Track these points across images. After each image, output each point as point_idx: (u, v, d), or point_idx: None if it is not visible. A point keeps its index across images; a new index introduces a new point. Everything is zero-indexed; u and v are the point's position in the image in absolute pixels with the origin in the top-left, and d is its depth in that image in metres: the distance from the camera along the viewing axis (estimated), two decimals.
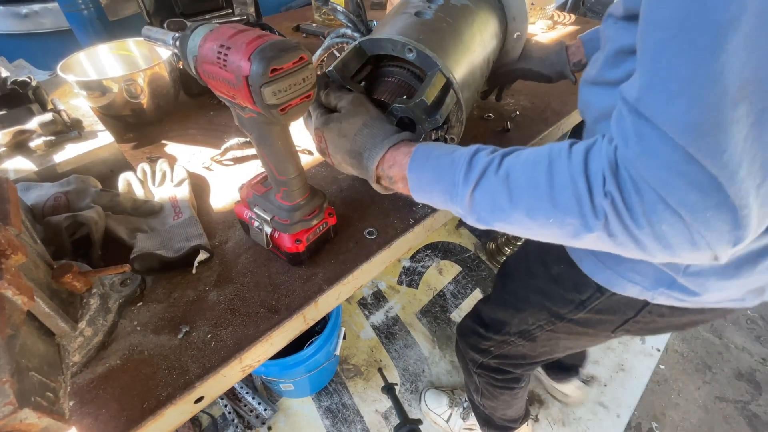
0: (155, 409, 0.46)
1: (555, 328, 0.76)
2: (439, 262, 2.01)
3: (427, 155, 0.50)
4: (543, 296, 0.76)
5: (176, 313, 0.56)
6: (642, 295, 0.61)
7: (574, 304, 0.70)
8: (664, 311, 0.62)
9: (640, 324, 0.66)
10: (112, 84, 0.80)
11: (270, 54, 0.40)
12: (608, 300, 0.65)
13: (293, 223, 0.57)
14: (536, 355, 0.88)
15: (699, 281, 0.55)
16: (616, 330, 0.70)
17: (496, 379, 1.01)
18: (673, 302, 0.59)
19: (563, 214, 0.39)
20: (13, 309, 0.32)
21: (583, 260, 0.66)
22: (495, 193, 0.43)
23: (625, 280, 0.60)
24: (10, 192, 0.42)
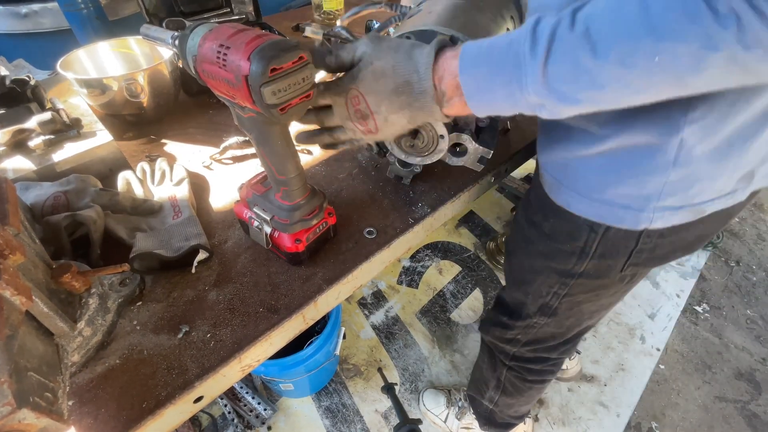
0: (155, 409, 0.46)
1: (570, 291, 0.72)
2: (439, 261, 2.01)
3: (478, 48, 0.43)
4: (545, 258, 0.72)
5: (175, 312, 0.56)
6: (636, 222, 0.56)
7: (576, 255, 0.66)
8: (663, 231, 0.58)
9: (645, 253, 0.61)
10: (113, 82, 0.80)
11: (270, 53, 0.40)
12: (605, 239, 0.61)
13: (293, 222, 0.57)
14: (565, 331, 0.83)
15: (690, 171, 0.50)
16: (624, 268, 0.65)
17: (530, 370, 0.96)
18: (667, 217, 0.55)
19: (673, 42, 0.32)
20: (11, 309, 0.32)
21: (570, 202, 0.62)
22: (575, 53, 0.36)
23: (615, 207, 0.57)
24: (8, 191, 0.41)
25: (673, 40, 0.32)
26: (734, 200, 0.55)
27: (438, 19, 0.61)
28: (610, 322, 1.77)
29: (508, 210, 2.21)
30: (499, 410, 1.18)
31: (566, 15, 0.37)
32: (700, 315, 1.82)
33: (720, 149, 0.48)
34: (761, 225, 2.25)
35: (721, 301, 1.88)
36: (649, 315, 1.80)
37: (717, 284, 1.96)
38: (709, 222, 0.58)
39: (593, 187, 0.57)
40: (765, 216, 2.30)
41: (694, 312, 1.84)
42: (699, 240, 0.63)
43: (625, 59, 0.34)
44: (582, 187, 0.59)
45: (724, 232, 2.16)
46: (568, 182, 0.61)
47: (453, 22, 0.61)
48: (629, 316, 1.80)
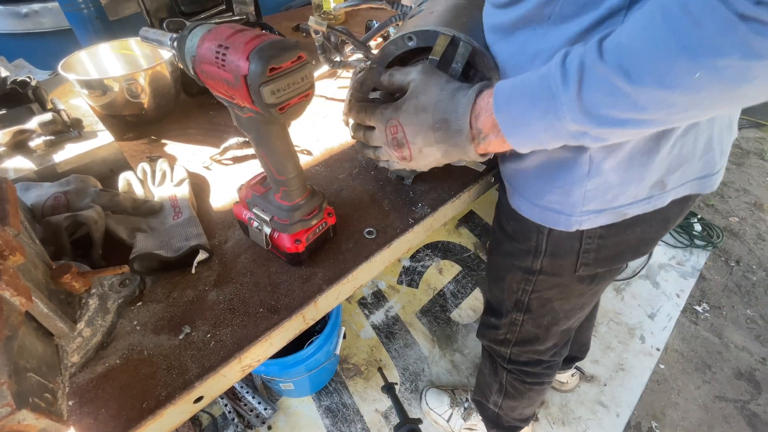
0: (155, 409, 0.46)
1: (535, 287, 0.78)
2: (439, 261, 2.01)
3: (512, 87, 0.45)
4: (510, 257, 0.78)
5: (176, 313, 0.56)
6: (568, 224, 0.62)
7: (531, 253, 0.72)
8: (601, 232, 0.63)
9: (592, 254, 0.67)
10: (113, 83, 0.80)
11: (269, 53, 0.40)
12: (550, 240, 0.68)
13: (292, 223, 0.57)
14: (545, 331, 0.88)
15: (602, 181, 0.55)
16: (577, 268, 0.70)
17: (527, 373, 1.01)
18: (593, 219, 0.60)
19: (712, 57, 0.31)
20: (11, 310, 0.32)
21: (520, 207, 0.67)
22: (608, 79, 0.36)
23: (550, 211, 0.62)
24: (9, 192, 0.42)
25: (710, 56, 0.31)
26: (653, 206, 0.59)
27: (440, 20, 0.61)
28: (610, 322, 1.77)
29: None
30: (504, 413, 1.19)
31: (593, 45, 0.37)
32: (700, 315, 1.82)
33: (623, 162, 0.53)
34: (761, 225, 2.25)
35: (721, 301, 1.88)
36: (649, 315, 1.80)
37: (717, 284, 1.95)
38: (644, 224, 0.64)
39: (534, 193, 0.63)
40: (765, 216, 2.30)
41: (694, 312, 1.84)
42: (642, 243, 0.68)
43: (664, 80, 0.34)
44: (527, 193, 0.65)
45: (723, 232, 2.16)
46: (518, 189, 0.67)
47: (455, 22, 0.61)
48: (629, 316, 1.80)
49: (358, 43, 0.90)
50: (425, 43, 0.60)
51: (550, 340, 0.91)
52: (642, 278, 1.95)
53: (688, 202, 0.65)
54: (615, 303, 1.85)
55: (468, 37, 0.58)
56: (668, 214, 0.64)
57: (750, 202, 2.39)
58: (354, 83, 0.70)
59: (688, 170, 0.58)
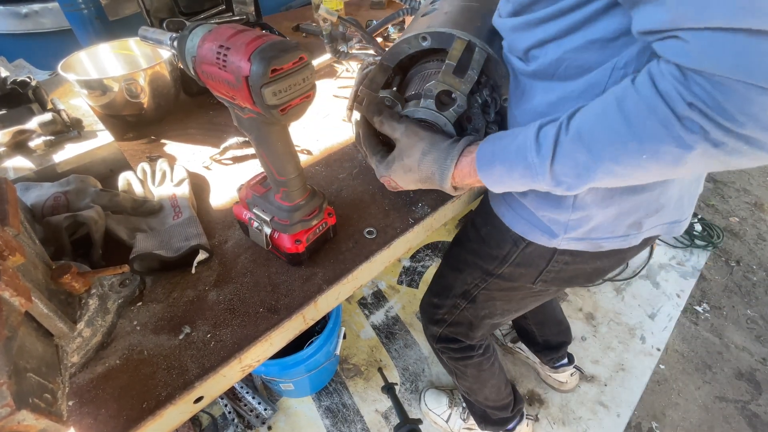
0: (155, 409, 0.46)
1: (488, 286, 0.83)
2: (439, 261, 2.00)
3: (492, 152, 0.51)
4: (475, 256, 0.83)
5: (176, 313, 0.56)
6: (549, 242, 0.67)
7: (498, 260, 0.77)
8: (567, 259, 0.69)
9: (552, 273, 0.73)
10: (113, 83, 0.80)
11: (270, 54, 0.40)
12: (523, 253, 0.72)
13: (293, 223, 0.57)
14: (479, 320, 0.95)
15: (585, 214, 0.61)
16: (535, 281, 0.76)
17: (453, 349, 1.08)
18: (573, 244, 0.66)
19: (655, 145, 0.38)
20: (10, 310, 0.32)
21: (505, 215, 0.71)
22: (573, 155, 0.43)
23: (537, 229, 0.67)
24: (9, 192, 0.41)
25: (653, 144, 0.38)
26: (628, 243, 0.66)
27: (454, 22, 0.62)
28: (610, 322, 1.77)
29: None
30: (476, 400, 1.23)
31: (563, 122, 0.44)
32: (700, 315, 1.82)
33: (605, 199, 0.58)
34: (761, 225, 2.25)
35: (722, 301, 1.88)
36: (650, 315, 1.80)
37: (717, 284, 1.95)
38: (605, 259, 0.70)
39: (525, 209, 0.67)
40: (765, 216, 2.30)
41: (695, 312, 1.83)
42: (596, 273, 0.76)
43: (618, 158, 0.41)
44: (517, 206, 0.69)
45: (724, 232, 2.16)
46: (507, 199, 0.70)
47: (469, 26, 0.61)
48: (629, 316, 1.79)
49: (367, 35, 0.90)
50: (439, 45, 0.61)
51: (480, 330, 0.99)
52: (642, 278, 1.95)
53: (647, 244, 0.71)
54: (615, 303, 1.85)
55: (483, 44, 0.59)
56: (628, 255, 0.71)
57: (750, 202, 2.39)
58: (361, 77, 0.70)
59: (664, 216, 0.64)
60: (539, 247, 0.69)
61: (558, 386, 1.54)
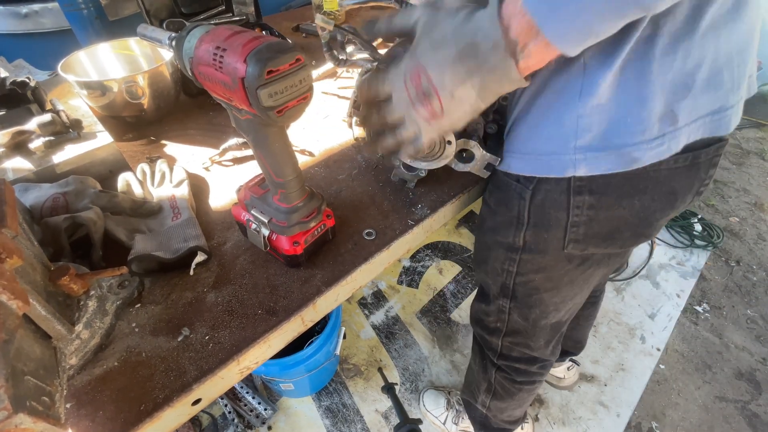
0: (152, 412, 0.46)
1: (519, 269, 0.73)
2: (439, 261, 2.01)
3: None
4: (493, 232, 0.74)
5: (174, 314, 0.56)
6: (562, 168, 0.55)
7: (513, 225, 0.68)
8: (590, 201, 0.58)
9: (582, 227, 0.61)
10: (113, 84, 0.80)
11: (266, 56, 0.40)
12: (533, 205, 0.63)
13: (291, 225, 0.57)
14: (532, 323, 0.84)
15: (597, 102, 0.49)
16: (566, 245, 0.64)
17: (518, 370, 0.97)
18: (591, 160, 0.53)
19: None
20: (8, 313, 0.32)
21: (510, 164, 0.63)
22: None
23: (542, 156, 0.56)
24: (7, 193, 0.41)
25: None
26: (669, 150, 0.52)
27: None
28: (610, 322, 1.77)
29: None
30: (493, 415, 1.17)
31: None
32: (700, 315, 1.82)
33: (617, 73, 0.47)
34: (761, 225, 2.24)
35: (722, 301, 1.88)
36: (650, 315, 1.80)
37: (717, 284, 1.95)
38: (645, 198, 0.57)
39: (524, 140, 0.59)
40: (765, 216, 2.29)
41: (695, 312, 1.83)
42: (643, 221, 0.60)
43: None
44: (517, 144, 0.60)
45: (724, 232, 2.15)
46: (509, 146, 0.62)
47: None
48: (629, 316, 1.79)
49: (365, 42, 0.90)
50: None
51: (540, 336, 0.87)
52: (642, 278, 1.95)
53: (698, 167, 0.56)
54: (615, 303, 1.85)
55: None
56: (674, 184, 0.57)
57: (750, 202, 2.39)
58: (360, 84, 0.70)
59: (700, 99, 0.50)
60: (548, 191, 0.59)
61: (556, 382, 1.52)
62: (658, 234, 0.64)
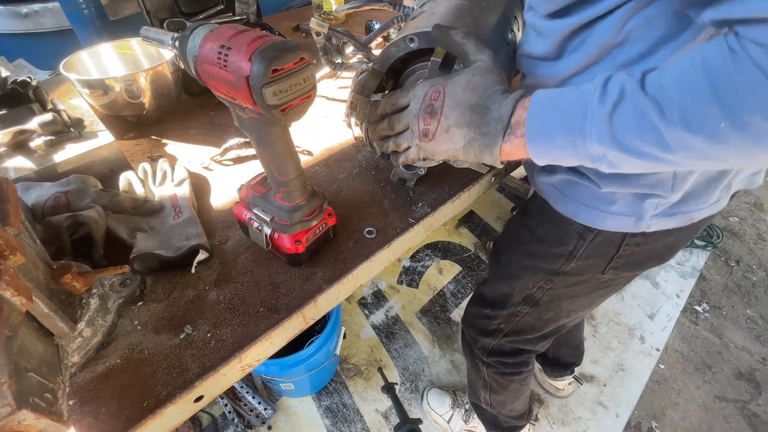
0: (155, 408, 0.46)
1: (553, 285, 0.78)
2: (439, 261, 2.01)
3: (550, 93, 0.45)
4: (535, 258, 0.77)
5: (176, 312, 0.56)
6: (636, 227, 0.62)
7: (564, 257, 0.72)
8: (639, 240, 0.64)
9: (624, 258, 0.68)
10: (114, 83, 0.80)
11: (271, 54, 0.40)
12: (592, 244, 0.68)
13: (293, 223, 0.57)
14: (543, 325, 0.89)
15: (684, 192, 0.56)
16: (605, 270, 0.71)
17: (507, 364, 1.02)
18: (661, 222, 0.61)
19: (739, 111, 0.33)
20: (11, 310, 0.32)
21: (577, 213, 0.66)
22: (643, 109, 0.37)
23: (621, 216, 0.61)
24: (9, 192, 0.42)
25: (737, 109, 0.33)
26: (718, 208, 0.61)
27: (442, 21, 0.61)
28: (610, 322, 1.77)
29: (508, 210, 2.21)
30: (497, 411, 1.20)
31: (636, 74, 0.39)
32: (700, 315, 1.82)
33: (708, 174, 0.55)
34: (761, 225, 2.25)
35: (721, 301, 1.88)
36: (649, 315, 1.80)
37: (717, 284, 1.95)
38: (679, 234, 0.65)
39: (602, 202, 0.62)
40: (765, 216, 2.30)
41: (694, 312, 1.84)
42: (669, 250, 0.70)
43: (690, 124, 0.35)
44: (590, 201, 0.63)
45: (724, 232, 2.16)
46: (576, 197, 0.65)
47: (457, 23, 0.61)
48: (629, 316, 1.80)
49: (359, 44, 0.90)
50: (427, 45, 0.60)
51: (543, 331, 0.93)
52: (642, 278, 1.95)
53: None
54: (615, 303, 1.85)
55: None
56: (702, 223, 0.65)
57: (750, 202, 2.39)
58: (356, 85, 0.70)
59: (748, 169, 0.59)
60: (609, 234, 0.64)
61: (554, 392, 1.53)
62: None
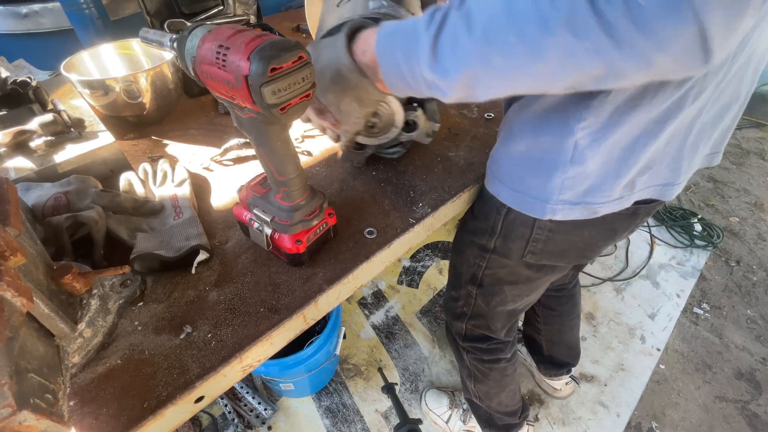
0: (155, 409, 0.46)
1: (488, 264, 0.84)
2: (439, 261, 2.01)
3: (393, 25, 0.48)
4: (471, 234, 0.84)
5: (176, 312, 0.56)
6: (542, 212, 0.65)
7: (488, 233, 0.78)
8: (550, 226, 0.68)
9: (540, 244, 0.73)
10: (115, 84, 0.80)
11: (269, 53, 0.40)
12: (506, 221, 0.73)
13: (293, 223, 0.57)
14: (492, 308, 0.95)
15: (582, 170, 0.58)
16: (524, 254, 0.76)
17: (481, 349, 1.08)
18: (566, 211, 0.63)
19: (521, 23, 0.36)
20: (12, 311, 0.32)
21: (499, 192, 0.71)
22: (456, 28, 0.41)
23: (528, 197, 0.65)
24: (10, 192, 0.42)
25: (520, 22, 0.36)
26: (621, 206, 0.64)
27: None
28: (610, 322, 1.77)
29: None
30: (487, 406, 1.22)
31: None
32: (700, 315, 1.82)
33: (604, 154, 0.57)
34: (761, 225, 2.25)
35: (722, 301, 1.88)
36: (649, 315, 1.80)
37: (717, 284, 1.95)
38: (592, 228, 0.69)
39: (514, 178, 0.67)
40: (765, 216, 2.30)
41: (695, 312, 1.84)
42: (587, 248, 0.75)
43: (488, 34, 0.39)
44: (506, 178, 0.68)
45: (724, 232, 2.16)
46: (499, 174, 0.70)
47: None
48: (629, 316, 1.80)
49: None
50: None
51: (497, 320, 0.99)
52: (642, 278, 1.95)
53: (637, 215, 0.70)
54: (615, 303, 1.85)
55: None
56: (615, 224, 0.70)
57: (750, 202, 2.39)
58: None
59: (656, 174, 0.62)
60: (520, 213, 0.69)
61: (552, 392, 1.53)
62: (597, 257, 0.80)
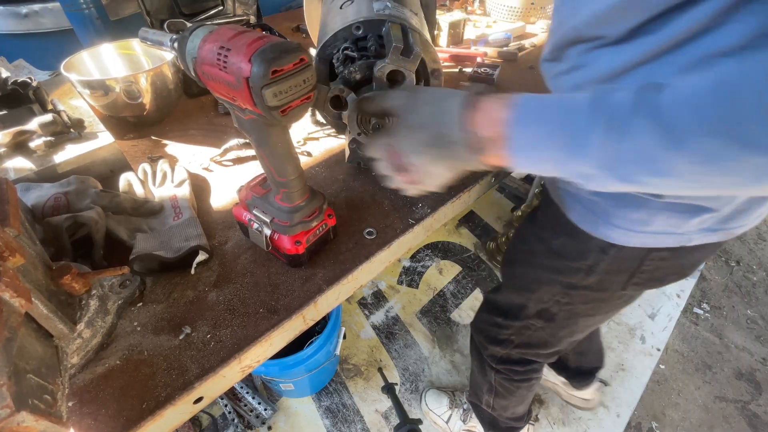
0: (154, 410, 0.46)
1: (571, 300, 0.74)
2: (439, 261, 2.01)
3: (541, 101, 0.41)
4: (552, 272, 0.73)
5: (176, 313, 0.56)
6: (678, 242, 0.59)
7: (583, 271, 0.68)
8: (665, 254, 0.61)
9: (646, 274, 0.65)
10: (115, 84, 0.80)
11: (271, 55, 0.40)
12: (613, 260, 0.64)
13: (293, 224, 0.57)
14: (557, 340, 0.86)
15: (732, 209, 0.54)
16: (626, 286, 0.68)
17: (516, 371, 1.00)
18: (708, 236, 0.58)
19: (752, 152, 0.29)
20: (10, 311, 0.32)
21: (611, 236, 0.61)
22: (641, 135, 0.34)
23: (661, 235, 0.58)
24: (9, 193, 0.42)
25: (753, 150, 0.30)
26: (756, 222, 0.59)
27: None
28: (610, 322, 1.77)
29: (508, 210, 2.21)
30: (498, 414, 1.19)
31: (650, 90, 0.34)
32: (700, 315, 1.82)
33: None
34: (761, 225, 2.25)
35: (722, 301, 1.88)
36: (650, 315, 1.80)
37: (717, 284, 1.95)
38: (705, 251, 0.63)
39: (635, 222, 0.58)
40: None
41: (695, 312, 1.83)
42: (691, 266, 0.68)
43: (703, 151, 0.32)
44: (625, 223, 0.59)
45: None
46: (608, 218, 0.60)
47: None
48: (629, 316, 1.79)
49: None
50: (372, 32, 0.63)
51: (556, 347, 0.90)
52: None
53: None
54: None
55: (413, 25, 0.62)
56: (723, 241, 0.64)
57: None
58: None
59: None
60: (635, 248, 0.60)
61: (583, 405, 1.47)
62: None
